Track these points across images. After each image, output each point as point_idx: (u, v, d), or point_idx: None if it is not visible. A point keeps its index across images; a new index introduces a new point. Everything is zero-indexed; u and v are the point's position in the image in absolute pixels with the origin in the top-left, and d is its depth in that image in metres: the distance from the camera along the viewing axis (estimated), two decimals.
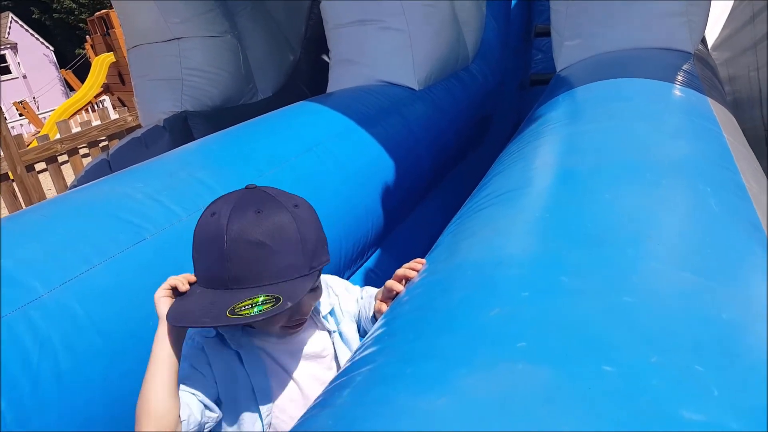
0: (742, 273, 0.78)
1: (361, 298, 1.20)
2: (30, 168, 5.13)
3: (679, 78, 2.05)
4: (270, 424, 1.04)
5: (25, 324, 1.10)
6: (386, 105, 2.71)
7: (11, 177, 5.10)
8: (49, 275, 1.21)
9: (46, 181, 5.67)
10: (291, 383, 1.06)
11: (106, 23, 11.85)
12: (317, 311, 1.12)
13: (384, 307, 1.05)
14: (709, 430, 0.50)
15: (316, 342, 1.09)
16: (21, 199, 5.14)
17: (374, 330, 0.83)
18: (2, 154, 5.01)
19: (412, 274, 1.03)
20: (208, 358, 1.01)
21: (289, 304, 0.86)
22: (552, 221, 0.96)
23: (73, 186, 3.24)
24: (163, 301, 0.93)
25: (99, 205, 1.51)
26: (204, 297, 0.91)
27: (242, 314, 0.86)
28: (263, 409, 1.02)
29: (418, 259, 1.08)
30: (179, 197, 1.65)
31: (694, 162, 1.20)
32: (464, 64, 3.60)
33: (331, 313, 1.14)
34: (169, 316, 0.91)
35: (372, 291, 1.20)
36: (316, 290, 1.02)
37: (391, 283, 1.05)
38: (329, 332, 1.12)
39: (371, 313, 1.14)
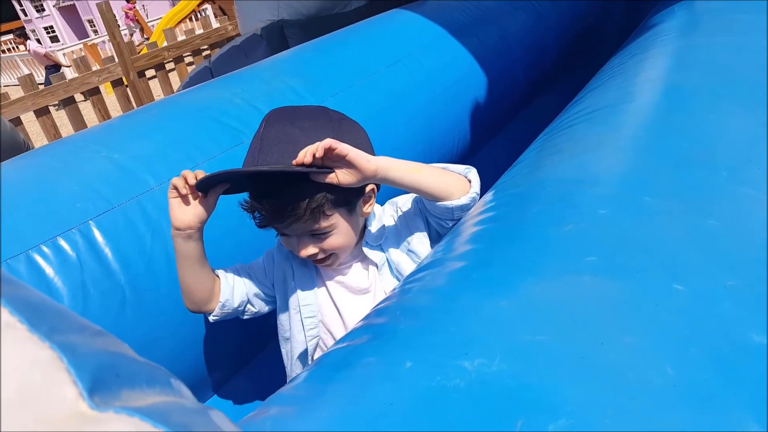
0: None
1: (418, 205, 1.14)
2: (141, 74, 5.47)
3: None
4: (315, 338, 1.12)
5: (139, 212, 1.24)
6: (483, 14, 2.58)
7: (125, 82, 5.47)
8: (158, 170, 1.32)
9: (155, 88, 6.03)
10: (333, 309, 1.11)
11: None
12: (362, 246, 1.09)
13: None
14: None
15: (361, 279, 1.09)
16: (134, 103, 5.53)
17: (445, 238, 0.86)
18: (117, 60, 5.35)
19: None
20: (274, 261, 1.15)
21: (230, 170, 0.94)
22: (646, 140, 0.91)
23: (179, 92, 3.44)
24: (171, 203, 1.03)
25: (201, 108, 1.61)
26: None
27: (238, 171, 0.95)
28: (307, 321, 1.10)
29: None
30: (274, 104, 1.71)
31: None
32: None
33: (383, 246, 1.10)
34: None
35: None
36: (320, 236, 0.99)
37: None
38: (377, 266, 1.09)
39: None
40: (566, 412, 0.45)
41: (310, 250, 1.00)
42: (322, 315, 1.12)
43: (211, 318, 1.14)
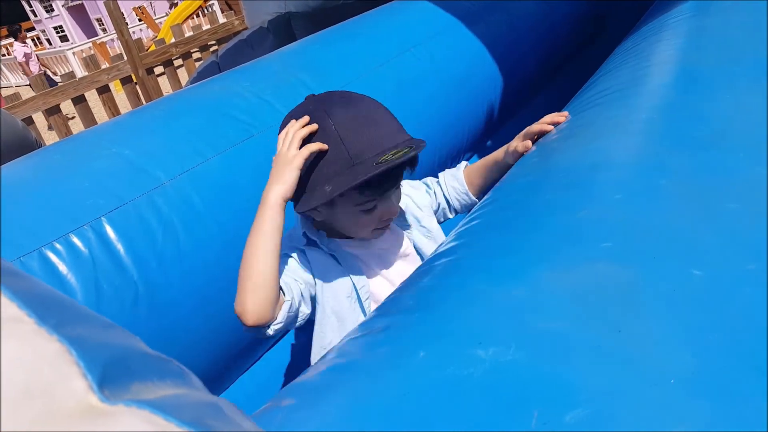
0: None
1: (430, 188, 1.23)
2: (149, 71, 5.49)
3: None
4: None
5: (151, 208, 1.24)
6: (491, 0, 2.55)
7: (134, 80, 5.49)
8: (169, 165, 1.32)
9: (164, 84, 6.05)
10: (385, 282, 1.11)
11: None
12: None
13: (522, 147, 1.09)
14: None
15: (396, 242, 1.13)
16: (143, 100, 5.55)
17: (458, 227, 0.85)
18: (125, 57, 5.37)
19: (561, 119, 1.08)
20: (308, 258, 1.06)
21: (423, 145, 0.92)
22: (660, 123, 0.89)
23: (187, 87, 3.44)
24: (297, 174, 0.92)
25: (211, 103, 1.60)
26: (339, 176, 0.91)
27: (390, 158, 0.88)
28: (365, 303, 1.07)
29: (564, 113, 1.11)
30: (283, 97, 1.71)
31: None
32: None
33: (403, 214, 1.16)
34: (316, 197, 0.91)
35: (445, 174, 1.24)
36: (399, 191, 1.04)
37: (539, 126, 1.10)
38: (405, 231, 1.15)
39: (464, 188, 1.20)
40: (583, 401, 0.44)
41: (397, 207, 1.03)
42: (374, 294, 1.08)
43: (272, 328, 0.94)
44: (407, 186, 1.21)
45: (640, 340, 0.48)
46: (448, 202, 1.23)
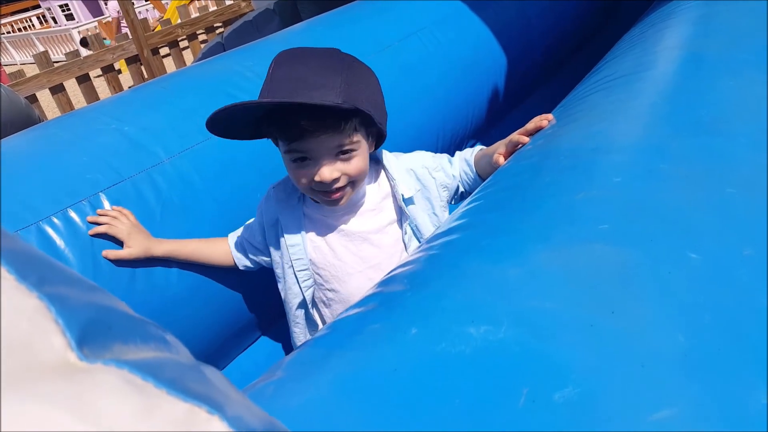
0: None
1: (451, 169, 1.18)
2: (155, 51, 5.46)
3: None
4: (311, 288, 1.13)
5: (150, 185, 1.23)
6: None
7: (140, 59, 5.47)
8: (169, 143, 1.32)
9: (169, 65, 6.02)
10: (329, 253, 1.09)
11: None
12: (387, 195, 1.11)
13: (502, 161, 1.04)
14: None
15: (364, 223, 1.08)
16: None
17: (459, 208, 0.85)
18: (131, 37, 5.34)
19: (545, 123, 1.04)
20: (263, 220, 1.16)
21: (275, 101, 0.86)
22: (664, 108, 0.88)
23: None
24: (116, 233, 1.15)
25: (213, 81, 1.59)
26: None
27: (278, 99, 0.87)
28: (300, 275, 1.11)
29: (545, 115, 1.06)
30: None
31: None
32: None
33: (409, 200, 1.09)
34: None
35: (462, 155, 1.20)
36: (345, 155, 0.95)
37: (518, 136, 1.04)
38: (401, 220, 1.09)
39: (473, 174, 1.15)
40: (573, 380, 0.44)
41: (335, 172, 0.94)
42: (317, 266, 1.11)
43: (241, 267, 1.27)
44: (440, 171, 1.15)
45: (633, 320, 0.47)
46: (460, 184, 1.20)
